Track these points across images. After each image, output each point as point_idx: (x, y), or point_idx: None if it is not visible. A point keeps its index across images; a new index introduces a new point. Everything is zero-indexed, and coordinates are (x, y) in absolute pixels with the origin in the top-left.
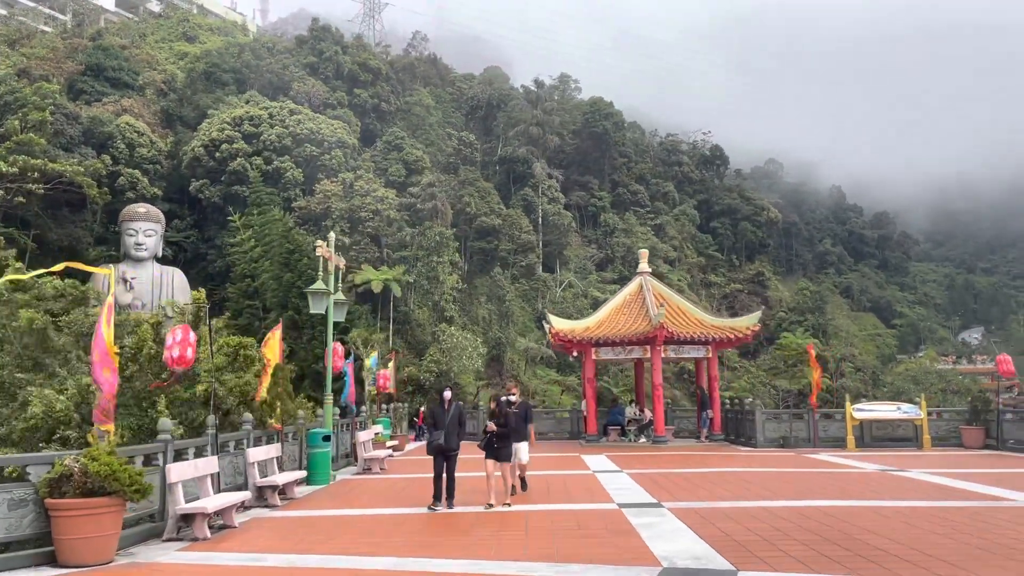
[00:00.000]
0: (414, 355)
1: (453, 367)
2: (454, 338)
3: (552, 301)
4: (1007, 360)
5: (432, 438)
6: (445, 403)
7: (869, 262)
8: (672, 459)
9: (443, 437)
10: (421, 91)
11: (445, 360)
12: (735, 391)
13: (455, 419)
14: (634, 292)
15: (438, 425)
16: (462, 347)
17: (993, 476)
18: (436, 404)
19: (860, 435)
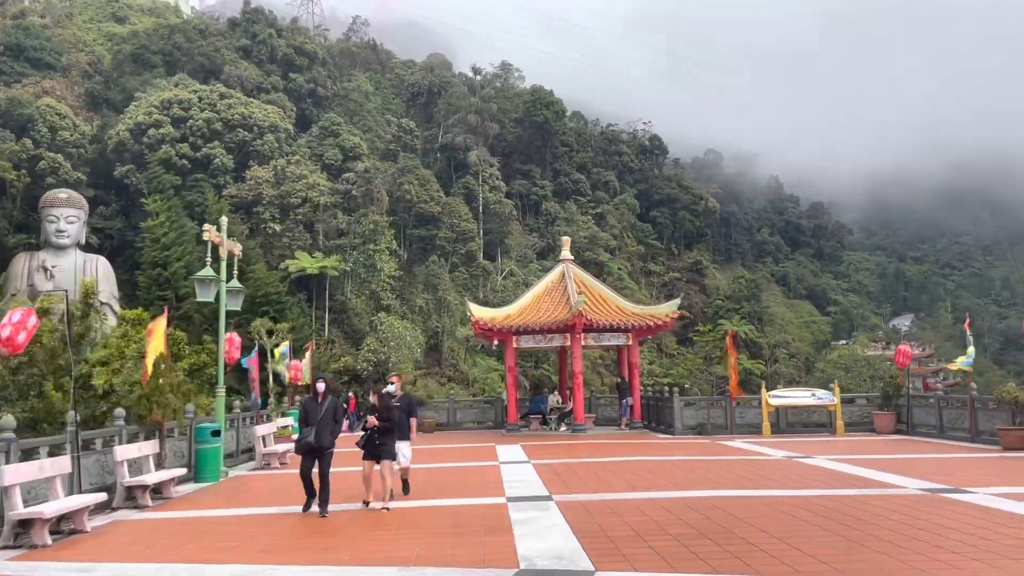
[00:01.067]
0: (351, 344)
1: (391, 357)
2: (392, 327)
3: (493, 289)
4: (905, 351)
5: (302, 436)
6: (318, 396)
7: (805, 251)
8: (585, 448)
9: (314, 434)
10: (360, 77)
11: (383, 350)
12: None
13: (329, 414)
14: (556, 280)
15: (309, 421)
16: (400, 336)
17: (893, 462)
18: (308, 397)
19: (776, 421)
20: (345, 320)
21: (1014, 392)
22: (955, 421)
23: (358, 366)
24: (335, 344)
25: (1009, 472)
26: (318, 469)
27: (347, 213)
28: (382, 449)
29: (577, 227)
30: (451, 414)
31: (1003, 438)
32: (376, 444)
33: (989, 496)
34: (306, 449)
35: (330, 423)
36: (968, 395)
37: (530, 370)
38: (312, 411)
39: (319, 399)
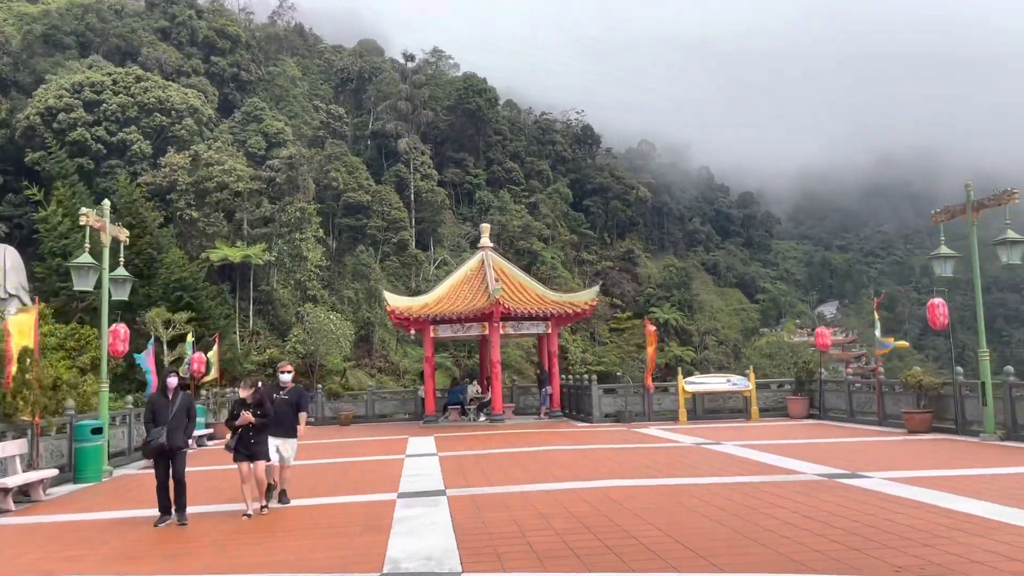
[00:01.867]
0: (277, 336)
1: (319, 348)
2: (320, 318)
3: (425, 279)
4: (825, 334)
5: (150, 436)
6: (168, 391)
7: (735, 240)
8: (500, 439)
9: (165, 434)
10: (287, 61)
11: (311, 341)
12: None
13: (182, 411)
14: (475, 268)
15: (158, 420)
16: (328, 328)
17: (799, 447)
18: (156, 394)
19: (693, 408)
20: (271, 311)
21: (918, 376)
22: (864, 405)
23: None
24: (260, 335)
25: (908, 455)
26: (172, 473)
27: (272, 201)
28: (258, 448)
29: (511, 216)
30: (370, 406)
31: (908, 421)
32: (251, 443)
33: (882, 480)
34: (157, 452)
35: (183, 422)
36: (876, 379)
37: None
38: (162, 408)
39: (169, 395)
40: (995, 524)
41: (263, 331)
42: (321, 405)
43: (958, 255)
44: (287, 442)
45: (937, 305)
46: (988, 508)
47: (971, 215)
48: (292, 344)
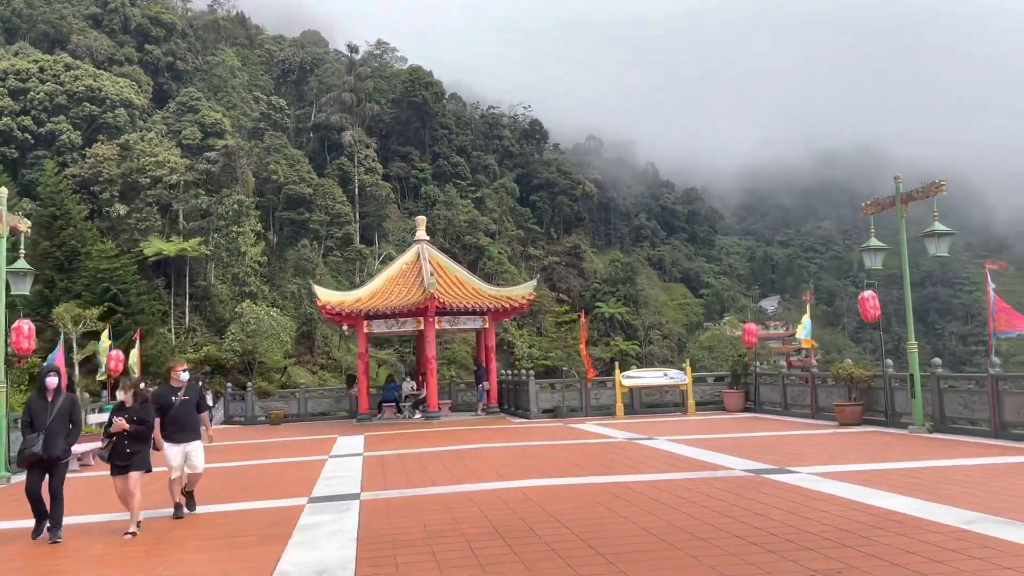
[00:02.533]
0: (214, 333)
1: (259, 345)
2: (259, 314)
3: (370, 274)
4: (752, 330)
5: (25, 444)
6: (47, 393)
7: (680, 235)
8: (432, 437)
9: (42, 442)
10: (226, 51)
11: (250, 338)
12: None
13: (63, 416)
14: (411, 261)
15: (36, 425)
16: (269, 324)
17: (730, 441)
18: (33, 396)
19: (631, 402)
20: (208, 307)
21: (849, 368)
22: (798, 398)
23: (222, 355)
24: (197, 332)
25: (837, 449)
26: (49, 486)
27: (209, 193)
28: (134, 458)
29: (457, 211)
30: (303, 404)
31: (839, 414)
32: (127, 453)
33: (809, 476)
34: (32, 461)
35: (64, 427)
36: (809, 372)
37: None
38: (39, 412)
39: (49, 396)
40: (917, 522)
41: (200, 328)
42: (251, 404)
43: (888, 247)
44: (192, 446)
45: (868, 298)
46: (911, 504)
47: (900, 207)
48: (230, 341)
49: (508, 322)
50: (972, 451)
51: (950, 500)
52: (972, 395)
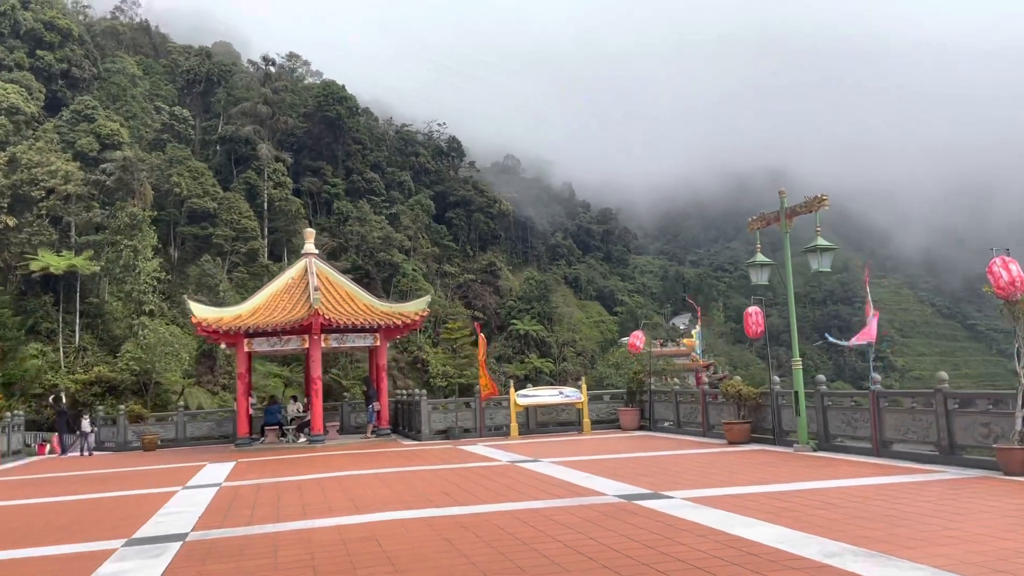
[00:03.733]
0: (107, 352)
1: (155, 365)
2: (157, 333)
3: None
4: (638, 336)
5: None
6: None
7: (595, 254)
8: (307, 462)
9: None
10: (126, 59)
11: (146, 357)
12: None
13: None
14: (298, 276)
15: None
16: (167, 342)
17: (614, 463)
18: None
19: (526, 422)
20: (101, 325)
21: (738, 385)
22: (690, 416)
23: (116, 376)
24: (88, 352)
25: (719, 469)
26: None
27: (105, 207)
28: None
29: (371, 227)
30: (180, 428)
31: (727, 432)
32: None
33: (681, 502)
34: None
35: None
36: (700, 389)
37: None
38: None
39: None
40: (779, 556)
41: (92, 347)
42: (123, 429)
43: (772, 263)
44: None
45: (751, 314)
46: (778, 535)
47: (784, 222)
48: (124, 361)
49: (422, 340)
50: (852, 470)
51: (819, 528)
52: (855, 412)
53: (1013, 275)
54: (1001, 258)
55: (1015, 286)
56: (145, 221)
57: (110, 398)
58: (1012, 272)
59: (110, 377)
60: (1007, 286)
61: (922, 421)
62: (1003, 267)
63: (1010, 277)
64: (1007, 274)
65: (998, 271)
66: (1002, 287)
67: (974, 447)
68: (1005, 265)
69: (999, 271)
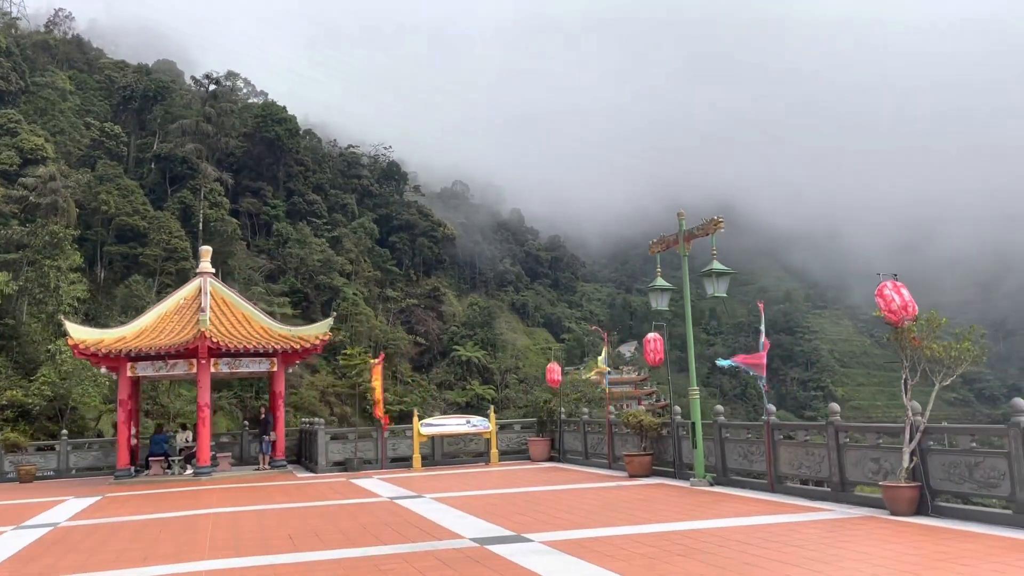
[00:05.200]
0: (22, 376)
1: (72, 390)
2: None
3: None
4: (554, 369)
5: None
6: None
7: (543, 281)
8: (180, 498)
9: None
10: (57, 73)
11: (63, 382)
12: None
13: None
14: (191, 296)
15: None
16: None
17: (495, 500)
18: None
19: (431, 452)
20: (16, 347)
21: (639, 416)
22: (597, 447)
23: (28, 401)
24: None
25: (604, 507)
26: None
27: (25, 223)
28: None
29: (310, 250)
30: (64, 459)
31: (628, 464)
32: None
33: (538, 546)
34: None
35: None
36: (607, 419)
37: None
38: None
39: None
40: None
41: (5, 369)
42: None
43: (673, 288)
44: None
45: (651, 340)
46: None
47: (683, 245)
48: (38, 384)
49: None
50: (739, 508)
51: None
52: (751, 445)
53: (905, 299)
54: (891, 282)
55: (906, 311)
56: (67, 239)
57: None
58: (904, 296)
59: (23, 401)
60: (899, 310)
61: (815, 455)
62: (894, 291)
63: (902, 301)
64: (899, 298)
65: (889, 294)
66: (893, 311)
67: (865, 483)
68: (896, 289)
69: (890, 294)
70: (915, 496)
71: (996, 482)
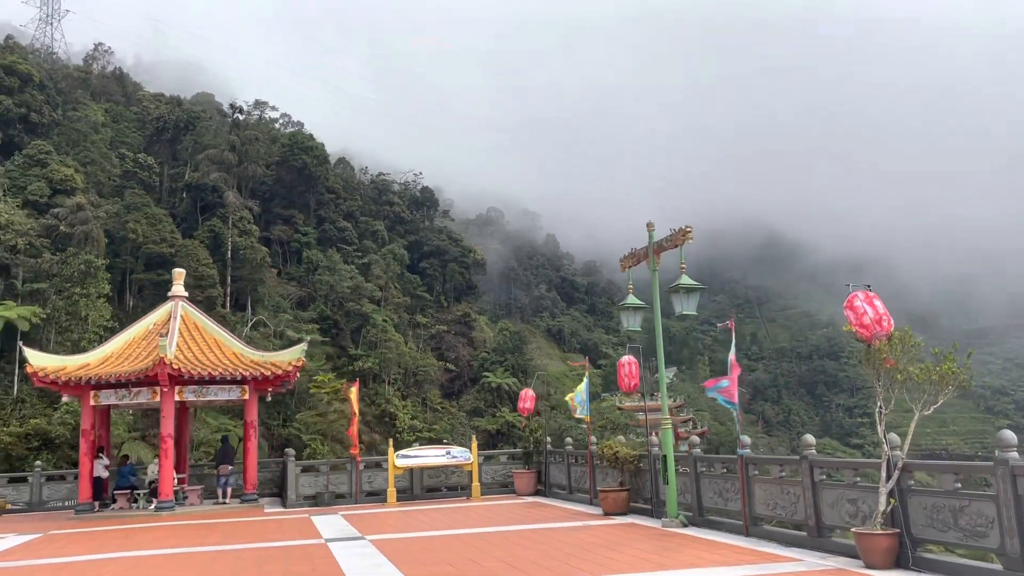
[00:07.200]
0: (46, 404)
1: None
2: None
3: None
4: (528, 397)
5: None
6: None
7: (579, 307)
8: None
9: None
10: (90, 105)
11: None
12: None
13: None
14: (161, 320)
15: None
16: None
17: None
18: None
19: (410, 486)
20: None
21: (615, 447)
22: (581, 480)
23: (52, 430)
24: (25, 404)
25: (560, 553)
26: None
27: (55, 253)
28: None
29: (340, 276)
30: (35, 491)
31: (603, 501)
32: None
33: None
34: None
35: None
36: (588, 450)
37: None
38: None
39: None
40: None
41: (30, 398)
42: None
43: (644, 306)
44: None
45: (624, 364)
46: None
47: (653, 259)
48: (62, 413)
49: (391, 392)
50: (705, 557)
51: None
52: (726, 482)
53: (879, 312)
54: (864, 292)
55: (880, 325)
56: (99, 268)
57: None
58: (878, 308)
59: (47, 430)
60: (871, 324)
61: (790, 495)
62: (866, 302)
63: (876, 314)
64: (872, 311)
65: (860, 306)
66: (865, 325)
67: (843, 528)
68: (869, 300)
69: (862, 306)
70: (893, 545)
71: (983, 531)
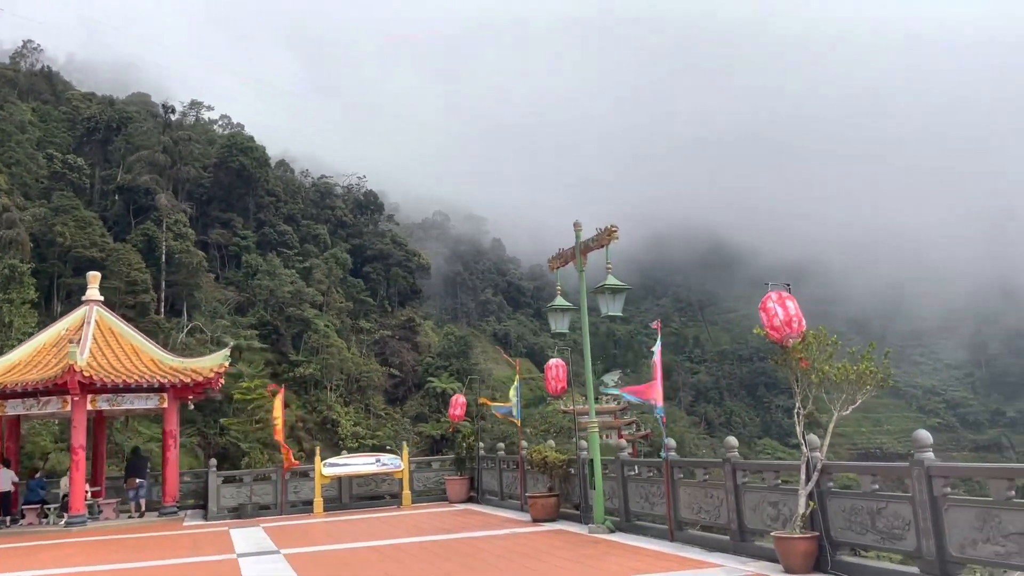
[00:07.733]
0: None
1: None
2: None
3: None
4: (459, 403)
5: None
6: None
7: (525, 311)
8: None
9: None
10: (17, 104)
11: None
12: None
13: None
14: (74, 326)
15: None
16: None
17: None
18: None
19: (339, 495)
20: None
21: (544, 452)
22: (512, 486)
23: None
24: None
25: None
26: None
27: None
28: None
29: (280, 281)
30: None
31: (531, 507)
32: None
33: None
34: None
35: None
36: (519, 455)
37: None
38: None
39: None
40: None
41: None
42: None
43: (573, 307)
44: None
45: (552, 367)
46: None
47: (580, 259)
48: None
49: (333, 399)
50: (626, 564)
51: None
52: (652, 486)
53: (791, 313)
54: (778, 293)
55: (791, 326)
56: (24, 274)
57: None
58: (789, 310)
59: None
60: (782, 326)
61: (714, 498)
62: (779, 303)
63: (786, 315)
64: (783, 312)
65: (772, 307)
66: (776, 327)
67: (765, 531)
68: (781, 301)
69: (774, 307)
70: (811, 549)
71: (900, 533)
